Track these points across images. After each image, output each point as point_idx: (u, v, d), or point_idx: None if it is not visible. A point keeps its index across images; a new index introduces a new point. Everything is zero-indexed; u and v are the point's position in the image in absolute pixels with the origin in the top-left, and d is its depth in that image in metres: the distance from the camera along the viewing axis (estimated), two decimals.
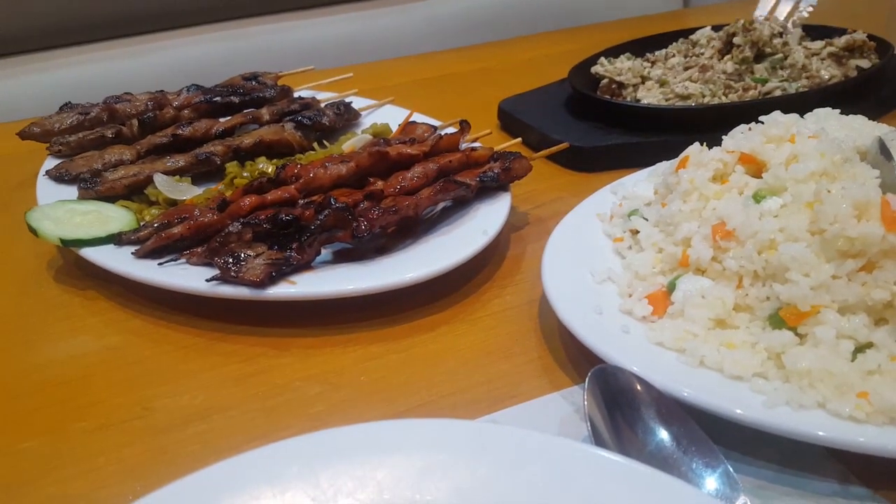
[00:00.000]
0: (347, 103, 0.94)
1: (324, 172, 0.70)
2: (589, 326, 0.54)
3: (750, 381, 0.49)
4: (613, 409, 0.46)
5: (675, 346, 0.52)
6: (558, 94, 1.02)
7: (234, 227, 0.63)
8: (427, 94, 1.16)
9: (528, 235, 0.77)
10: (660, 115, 0.91)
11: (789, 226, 0.52)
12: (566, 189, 0.84)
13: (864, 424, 0.45)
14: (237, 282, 0.60)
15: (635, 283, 0.59)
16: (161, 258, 0.65)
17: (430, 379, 0.58)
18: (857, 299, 0.49)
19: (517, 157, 0.77)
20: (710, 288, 0.54)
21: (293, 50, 1.62)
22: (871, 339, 0.49)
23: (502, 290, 0.68)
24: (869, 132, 0.63)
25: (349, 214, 0.64)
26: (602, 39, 1.13)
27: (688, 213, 0.59)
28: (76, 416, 0.55)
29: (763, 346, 0.50)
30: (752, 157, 0.60)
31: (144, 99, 0.92)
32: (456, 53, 1.40)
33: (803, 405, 0.46)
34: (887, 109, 0.95)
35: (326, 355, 0.60)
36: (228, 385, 0.58)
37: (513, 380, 0.57)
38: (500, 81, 1.14)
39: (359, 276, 0.63)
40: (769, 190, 0.56)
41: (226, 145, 0.82)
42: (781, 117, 0.63)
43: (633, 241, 0.64)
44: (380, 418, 0.51)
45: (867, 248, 0.49)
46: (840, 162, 0.56)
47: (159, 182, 0.76)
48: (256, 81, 0.97)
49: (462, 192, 0.73)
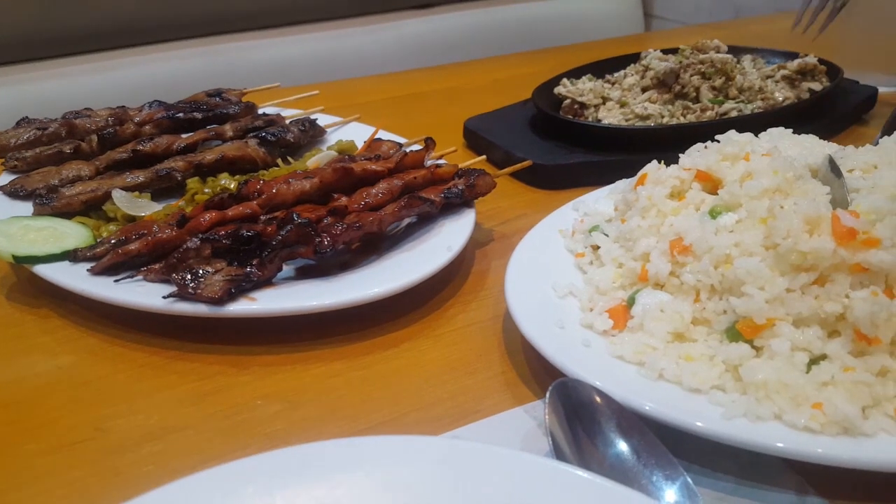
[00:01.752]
0: (312, 120, 0.94)
1: (287, 188, 0.70)
2: (551, 341, 0.54)
3: (708, 394, 0.50)
4: (574, 423, 0.46)
5: (635, 360, 0.53)
6: (522, 114, 1.04)
7: (192, 243, 0.62)
8: (393, 112, 1.16)
9: (492, 251, 0.77)
10: (620, 135, 0.93)
11: (744, 241, 0.53)
12: (530, 206, 0.85)
13: (820, 435, 0.46)
14: (195, 298, 0.59)
15: (596, 297, 0.60)
16: (117, 275, 0.64)
17: (392, 396, 0.57)
18: (811, 312, 0.50)
19: (481, 174, 0.78)
20: (668, 302, 0.55)
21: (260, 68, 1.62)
22: (825, 351, 0.50)
23: (466, 306, 0.68)
24: (820, 151, 0.65)
25: (312, 230, 0.64)
26: (564, 61, 1.15)
27: (646, 229, 0.60)
28: (26, 437, 0.53)
29: (721, 358, 0.51)
30: (708, 175, 0.62)
31: (105, 114, 0.90)
32: (423, 73, 1.42)
33: (760, 417, 0.47)
34: (839, 129, 0.99)
35: (287, 373, 0.59)
36: (185, 404, 0.56)
37: (476, 395, 0.57)
38: (466, 101, 1.15)
39: (320, 293, 0.62)
40: (725, 206, 0.57)
41: (187, 161, 0.81)
42: (736, 136, 0.65)
43: (594, 256, 0.65)
44: (341, 436, 0.50)
45: (819, 262, 0.50)
46: (793, 179, 0.57)
47: (118, 198, 0.75)
48: (220, 98, 0.96)
49: (426, 209, 0.73)
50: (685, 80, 0.97)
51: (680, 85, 0.98)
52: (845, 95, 1.04)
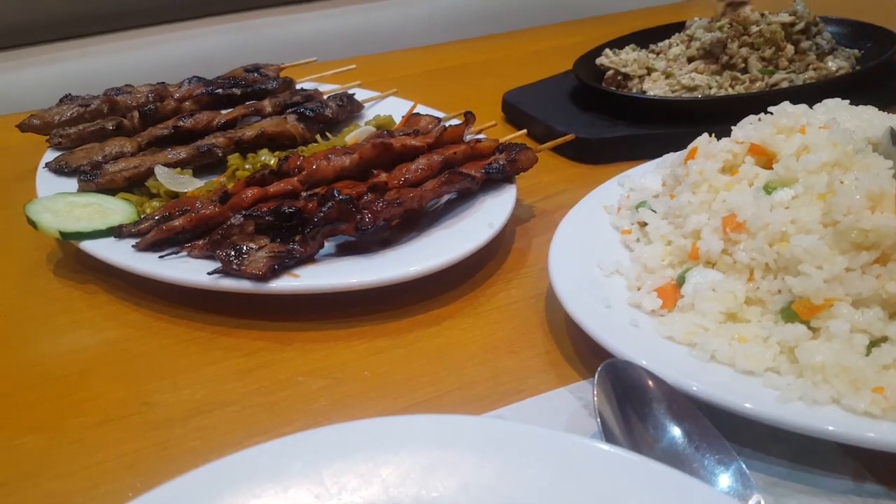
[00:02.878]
0: (350, 95, 0.93)
1: (327, 164, 0.69)
2: (597, 320, 0.53)
3: (762, 376, 0.48)
4: (624, 405, 0.45)
5: (686, 341, 0.51)
6: (562, 86, 1.01)
7: (235, 220, 0.62)
8: (431, 86, 1.15)
9: (533, 228, 0.76)
10: (666, 107, 0.90)
11: (801, 217, 0.51)
12: (572, 181, 0.83)
13: (880, 420, 0.44)
14: (239, 275, 0.59)
15: (644, 276, 0.58)
16: (162, 251, 0.64)
17: (434, 374, 0.57)
18: (872, 292, 0.48)
19: (523, 149, 0.76)
20: (720, 281, 0.53)
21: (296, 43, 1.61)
22: (886, 333, 0.48)
23: (508, 284, 0.67)
24: (880, 123, 0.62)
25: (353, 207, 0.63)
26: (605, 32, 1.11)
27: (697, 205, 0.58)
28: (75, 411, 0.55)
29: (775, 340, 0.49)
30: (761, 148, 0.59)
31: (145, 91, 0.91)
32: (459, 45, 1.39)
33: (817, 401, 0.45)
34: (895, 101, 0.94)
35: (329, 349, 0.59)
36: (230, 380, 0.57)
37: (519, 374, 0.56)
38: (504, 73, 1.13)
39: (362, 270, 0.62)
40: (780, 181, 0.55)
41: (227, 137, 0.81)
42: (791, 108, 0.62)
43: (641, 233, 0.63)
44: (384, 414, 0.50)
45: (881, 241, 0.48)
46: (852, 152, 0.54)
47: (160, 174, 0.75)
48: (258, 73, 0.96)
49: (467, 184, 0.72)
50: (733, 50, 0.94)
51: (728, 55, 0.94)
52: None
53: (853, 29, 1.03)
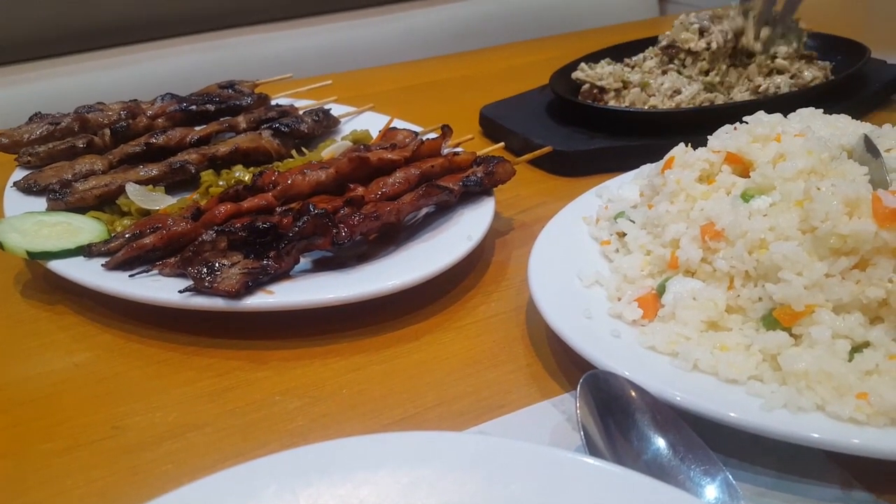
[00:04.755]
0: (326, 110, 0.92)
1: (302, 179, 0.68)
2: (578, 331, 0.52)
3: (746, 385, 0.48)
4: (607, 417, 0.44)
5: (668, 350, 0.51)
6: (539, 100, 1.02)
7: (207, 236, 0.60)
8: (408, 101, 1.15)
9: (512, 241, 0.75)
10: (642, 119, 0.90)
11: (779, 224, 0.51)
12: (550, 193, 0.83)
13: (865, 426, 0.44)
14: (212, 292, 0.58)
15: (624, 286, 0.58)
16: (132, 270, 0.62)
17: (414, 390, 0.56)
18: (852, 298, 0.48)
19: (500, 162, 0.76)
20: (700, 289, 0.53)
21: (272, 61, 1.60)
22: (868, 338, 0.48)
23: (488, 297, 0.67)
24: (853, 130, 0.63)
25: (329, 221, 0.62)
26: (580, 47, 1.12)
27: (675, 214, 0.58)
28: (42, 436, 0.52)
29: (758, 347, 0.49)
30: (738, 157, 0.59)
31: (117, 108, 0.89)
32: (436, 62, 1.40)
33: (802, 408, 0.45)
34: (867, 110, 0.96)
35: (306, 368, 0.58)
36: (203, 401, 0.55)
37: (501, 389, 0.55)
38: (481, 88, 1.13)
39: (339, 285, 0.60)
40: (757, 189, 0.55)
41: (201, 154, 0.80)
42: (766, 117, 0.63)
43: (620, 243, 0.63)
44: (362, 432, 0.49)
45: (860, 246, 0.48)
46: (828, 160, 0.55)
47: (131, 192, 0.74)
48: (233, 90, 0.95)
49: (445, 197, 0.71)
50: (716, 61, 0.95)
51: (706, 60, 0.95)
52: (873, 76, 1.00)
53: (825, 42, 1.05)
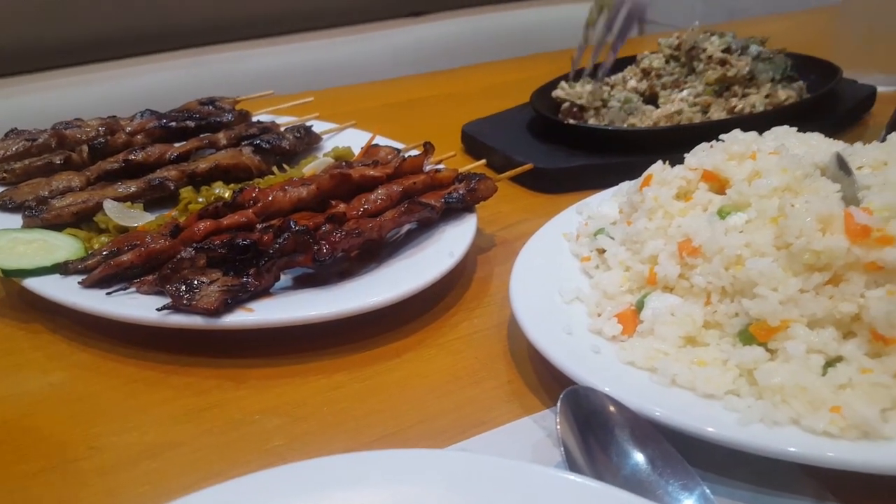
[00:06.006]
0: (308, 127, 0.92)
1: (283, 196, 0.68)
2: (559, 347, 0.53)
3: (723, 399, 0.48)
4: (587, 432, 0.45)
5: (647, 366, 0.51)
6: (521, 118, 1.03)
7: (186, 253, 0.60)
8: (390, 118, 1.15)
9: (494, 257, 0.76)
10: (621, 137, 0.92)
11: (755, 241, 0.52)
12: (531, 210, 0.84)
13: (839, 440, 0.44)
14: (190, 310, 0.57)
15: (604, 302, 0.58)
16: (110, 287, 0.62)
17: (395, 408, 0.55)
18: (826, 313, 0.49)
19: (482, 178, 0.76)
20: (678, 305, 0.54)
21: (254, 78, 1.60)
22: (841, 353, 0.48)
23: (470, 314, 0.67)
24: (826, 148, 0.64)
25: (310, 238, 0.62)
26: (561, 66, 1.14)
27: (653, 231, 0.59)
28: (17, 457, 0.51)
29: (734, 362, 0.50)
30: (714, 175, 0.60)
31: (96, 125, 0.89)
32: (418, 79, 1.41)
33: (777, 422, 0.46)
34: (840, 129, 0.98)
35: (286, 386, 0.58)
36: (181, 420, 0.55)
37: (482, 405, 0.55)
38: (463, 106, 1.14)
39: (320, 302, 0.60)
40: (733, 206, 0.56)
41: (180, 170, 0.80)
42: (741, 135, 0.64)
43: (600, 260, 0.64)
44: (343, 451, 0.48)
45: (833, 262, 0.49)
46: (802, 177, 0.56)
47: (109, 209, 0.73)
48: (213, 106, 0.94)
49: (427, 214, 0.72)
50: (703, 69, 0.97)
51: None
52: (845, 95, 1.03)
53: (798, 62, 1.07)
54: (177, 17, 1.62)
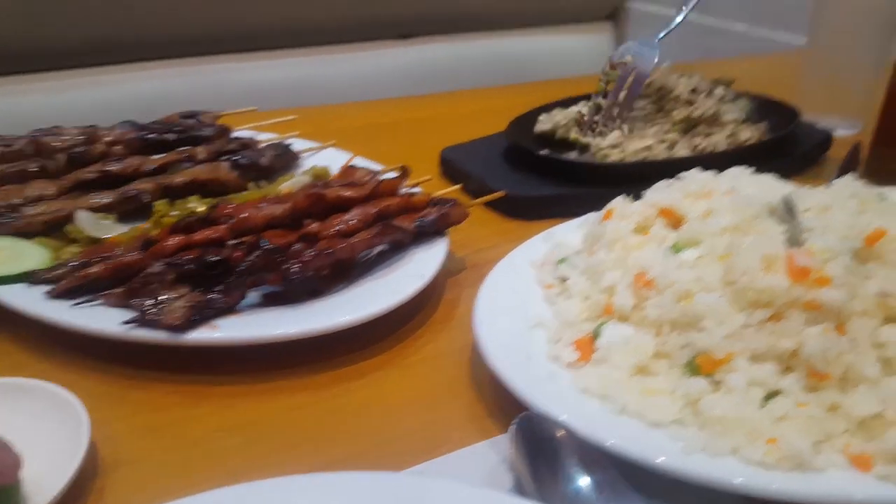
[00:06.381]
0: (287, 145, 0.94)
1: (257, 213, 0.70)
2: (516, 373, 0.54)
3: (668, 428, 0.50)
4: (537, 458, 0.46)
5: (599, 393, 0.53)
6: (499, 145, 1.05)
7: (155, 268, 0.61)
8: (371, 139, 1.16)
9: (464, 280, 0.77)
10: (590, 170, 0.95)
11: (704, 276, 0.54)
12: (503, 235, 0.86)
13: (774, 470, 0.46)
14: (155, 325, 0.58)
15: (564, 329, 0.60)
16: (77, 299, 0.62)
17: (356, 429, 0.56)
18: (767, 348, 0.51)
19: (454, 204, 0.78)
20: (632, 335, 0.56)
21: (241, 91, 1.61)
22: (780, 387, 0.51)
23: (436, 336, 0.68)
24: (778, 190, 0.67)
25: (280, 256, 0.63)
26: (541, 95, 1.17)
27: (612, 262, 0.61)
28: None
29: (681, 393, 0.52)
30: (671, 211, 0.63)
31: (74, 133, 0.89)
32: (401, 102, 1.43)
33: (717, 452, 0.48)
34: (798, 169, 1.02)
35: (248, 405, 0.58)
36: (139, 436, 0.55)
37: (442, 429, 0.56)
38: (444, 131, 1.16)
39: (286, 321, 0.61)
40: (686, 242, 0.58)
41: (156, 183, 0.80)
42: (699, 174, 0.67)
43: (562, 288, 0.66)
44: (301, 471, 0.49)
45: (774, 299, 0.52)
46: (751, 218, 0.59)
47: (81, 219, 0.74)
48: (195, 120, 0.96)
49: (399, 237, 0.73)
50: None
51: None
52: (804, 137, 1.07)
53: (762, 104, 1.11)
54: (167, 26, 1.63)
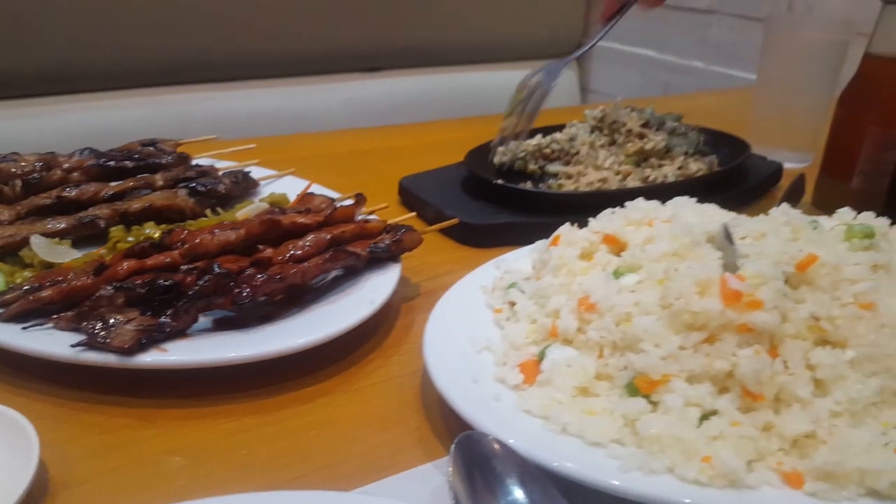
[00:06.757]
0: (246, 172, 0.95)
1: (211, 238, 0.70)
2: (462, 394, 0.55)
3: (607, 447, 0.51)
4: (476, 477, 0.47)
5: (542, 414, 0.54)
6: (456, 175, 1.07)
7: (105, 291, 0.61)
8: (330, 168, 1.19)
9: (417, 306, 0.79)
10: (540, 199, 0.97)
11: (643, 300, 0.57)
12: (458, 262, 0.87)
13: (708, 488, 0.48)
14: (104, 348, 0.58)
15: (510, 352, 0.62)
16: (27, 322, 0.62)
17: (303, 452, 0.57)
18: (702, 369, 0.53)
19: (408, 230, 0.80)
20: (575, 357, 0.57)
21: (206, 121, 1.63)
22: (715, 407, 0.52)
23: (387, 360, 0.69)
24: (719, 218, 0.70)
25: (231, 281, 0.64)
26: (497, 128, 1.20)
27: (558, 287, 0.63)
28: None
29: (620, 413, 0.53)
30: (614, 238, 0.65)
31: (32, 160, 0.89)
32: (362, 132, 1.45)
33: (654, 470, 0.49)
34: (748, 200, 1.06)
35: (196, 427, 0.58)
36: (85, 458, 0.55)
37: (389, 451, 0.57)
38: (403, 160, 1.18)
39: (236, 345, 0.62)
40: (627, 267, 0.61)
41: (113, 209, 0.81)
42: (643, 203, 0.70)
43: (510, 312, 0.67)
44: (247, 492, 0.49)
45: (708, 322, 0.54)
46: (690, 244, 0.61)
47: (36, 244, 0.74)
48: (154, 147, 0.96)
49: (352, 262, 0.74)
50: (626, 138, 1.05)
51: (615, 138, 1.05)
52: (753, 169, 1.12)
53: (712, 137, 1.16)
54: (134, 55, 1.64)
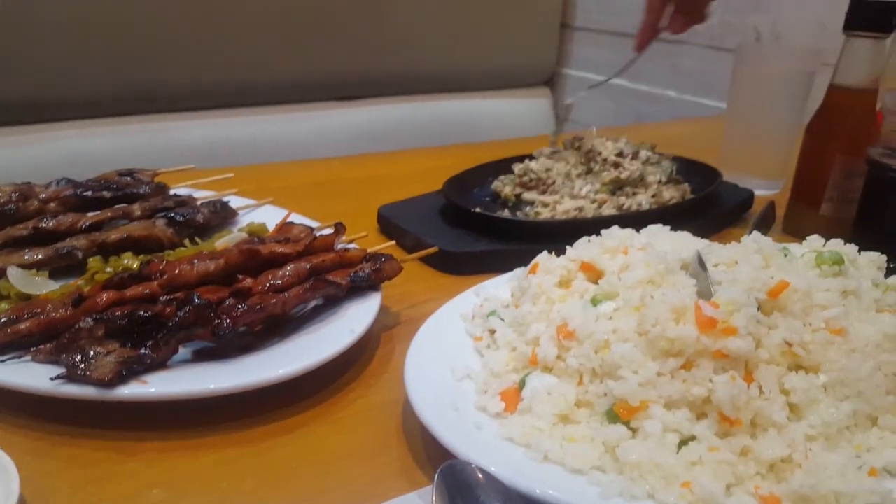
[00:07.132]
0: (224, 202, 0.95)
1: (190, 269, 0.70)
2: (444, 423, 0.56)
3: (588, 474, 0.52)
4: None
5: (523, 441, 0.55)
6: (435, 203, 1.09)
7: (85, 323, 0.60)
8: (309, 197, 1.19)
9: (398, 335, 0.79)
10: (520, 227, 0.99)
11: (621, 327, 0.58)
12: (438, 290, 0.88)
13: None
14: (84, 380, 0.57)
15: (491, 380, 0.62)
16: (5, 356, 0.61)
17: (285, 484, 0.56)
18: (680, 395, 0.54)
19: (388, 259, 0.80)
20: (555, 385, 0.58)
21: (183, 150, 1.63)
22: (694, 432, 0.53)
23: (368, 390, 0.69)
24: (693, 246, 0.72)
25: (211, 312, 0.64)
26: (478, 156, 1.22)
27: (537, 315, 0.64)
28: None
29: (600, 439, 0.54)
30: (591, 266, 0.67)
31: (8, 190, 0.88)
32: (341, 161, 1.46)
33: (634, 496, 0.50)
34: (720, 227, 1.09)
35: (176, 460, 0.58)
36: (64, 493, 0.54)
37: (371, 481, 0.57)
38: (383, 189, 1.19)
39: (216, 376, 0.61)
40: (605, 295, 0.62)
41: (90, 240, 0.80)
42: (618, 231, 0.71)
43: (490, 340, 0.68)
44: None
45: (685, 348, 0.55)
46: (664, 272, 0.63)
47: (12, 275, 0.73)
48: (132, 177, 0.96)
49: (332, 291, 0.75)
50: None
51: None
52: (725, 197, 1.15)
53: (686, 165, 1.19)
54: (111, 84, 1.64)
